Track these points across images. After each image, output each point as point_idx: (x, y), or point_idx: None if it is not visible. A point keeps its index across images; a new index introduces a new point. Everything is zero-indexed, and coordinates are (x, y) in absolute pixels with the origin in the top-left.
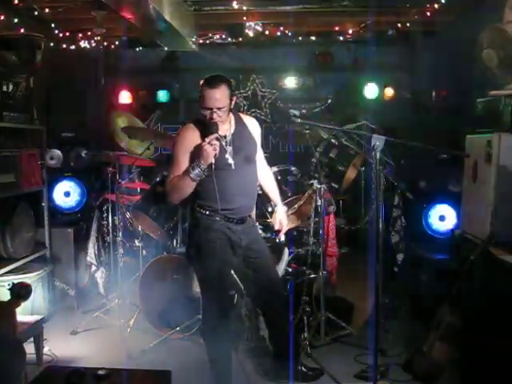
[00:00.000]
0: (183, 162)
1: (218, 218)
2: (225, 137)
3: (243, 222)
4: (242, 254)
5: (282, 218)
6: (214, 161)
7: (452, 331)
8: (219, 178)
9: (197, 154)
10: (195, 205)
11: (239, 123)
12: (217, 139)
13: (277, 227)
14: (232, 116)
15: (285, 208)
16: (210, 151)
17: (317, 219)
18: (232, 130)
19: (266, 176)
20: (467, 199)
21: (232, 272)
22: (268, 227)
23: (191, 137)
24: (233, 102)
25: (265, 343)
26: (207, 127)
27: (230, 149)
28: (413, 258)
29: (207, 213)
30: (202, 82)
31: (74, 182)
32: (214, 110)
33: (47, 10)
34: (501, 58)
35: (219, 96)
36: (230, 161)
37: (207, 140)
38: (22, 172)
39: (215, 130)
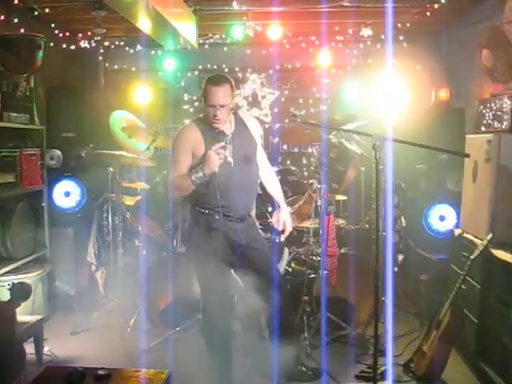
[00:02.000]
0: (183, 161)
1: (217, 217)
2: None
3: (242, 220)
4: (242, 252)
5: (286, 220)
6: (217, 169)
7: (452, 331)
8: (219, 176)
9: (196, 152)
10: (194, 203)
11: (239, 123)
12: (223, 148)
13: (280, 228)
14: (232, 116)
15: (289, 209)
16: (216, 160)
17: (317, 219)
18: (232, 129)
19: (269, 177)
20: (467, 199)
21: (232, 271)
22: (268, 227)
23: (192, 136)
24: (234, 102)
25: (265, 343)
26: (207, 128)
27: (229, 147)
28: (413, 257)
29: (206, 211)
30: (205, 80)
31: (74, 182)
32: (218, 107)
33: (47, 10)
34: (497, 58)
35: (223, 94)
36: (230, 159)
37: (214, 148)
38: (22, 172)
39: (222, 138)
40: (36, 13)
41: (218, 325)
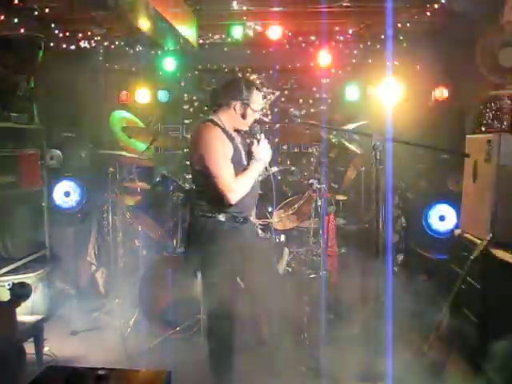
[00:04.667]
0: (228, 163)
1: (222, 219)
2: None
3: (246, 221)
4: (246, 253)
5: None
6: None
7: (452, 331)
8: None
9: (227, 154)
10: (198, 209)
11: None
12: (236, 143)
13: None
14: None
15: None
16: (270, 148)
17: (317, 219)
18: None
19: None
20: (467, 199)
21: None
22: (268, 227)
23: (222, 137)
24: None
25: (265, 343)
26: (223, 129)
27: (243, 150)
28: (413, 257)
29: (210, 215)
30: (247, 84)
31: (74, 182)
32: (260, 111)
33: (47, 10)
34: None
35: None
36: (244, 162)
37: (264, 139)
38: (22, 172)
39: (260, 129)
40: (36, 13)
41: (223, 327)
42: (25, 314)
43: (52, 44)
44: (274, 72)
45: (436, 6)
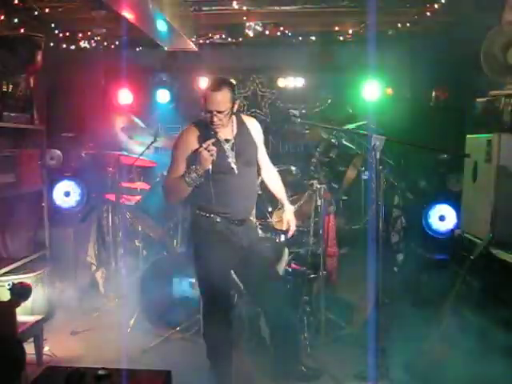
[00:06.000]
0: (181, 163)
1: (218, 220)
2: (227, 141)
3: (243, 223)
4: (243, 254)
5: (290, 219)
6: (211, 166)
7: (452, 331)
8: (221, 181)
9: (194, 157)
10: (196, 207)
11: (241, 126)
12: (213, 144)
13: (285, 228)
14: (234, 118)
15: (292, 208)
16: (208, 157)
17: (317, 219)
18: (234, 133)
19: (272, 177)
20: (467, 199)
21: (232, 272)
22: (268, 227)
23: (191, 139)
24: (235, 106)
25: (265, 343)
26: (206, 131)
27: (232, 153)
28: (413, 257)
29: (207, 214)
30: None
31: (74, 182)
32: (214, 113)
33: (47, 10)
34: None
35: (220, 99)
36: (233, 165)
37: (204, 146)
38: (21, 172)
39: (213, 135)
40: (36, 13)
41: (217, 326)
42: (25, 314)
43: (52, 44)
44: (273, 72)
45: (436, 5)
